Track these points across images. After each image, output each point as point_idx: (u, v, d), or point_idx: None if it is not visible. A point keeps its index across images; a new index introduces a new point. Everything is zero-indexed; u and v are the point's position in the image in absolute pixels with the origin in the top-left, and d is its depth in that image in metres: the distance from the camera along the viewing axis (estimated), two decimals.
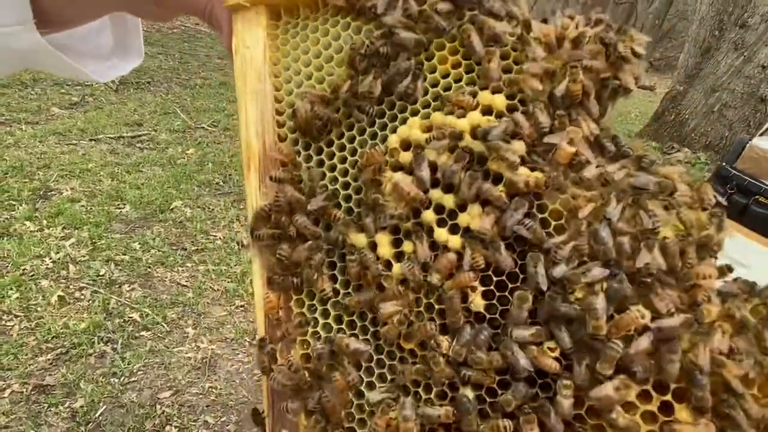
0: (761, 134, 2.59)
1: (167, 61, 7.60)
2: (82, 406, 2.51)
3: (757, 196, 2.26)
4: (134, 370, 2.73)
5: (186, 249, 3.62)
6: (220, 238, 3.81)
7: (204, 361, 2.87)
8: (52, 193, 3.88)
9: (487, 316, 0.48)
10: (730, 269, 0.47)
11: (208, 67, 7.90)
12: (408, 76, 0.49)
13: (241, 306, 3.27)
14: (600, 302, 0.40)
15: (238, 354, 2.95)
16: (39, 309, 2.93)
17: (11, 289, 2.98)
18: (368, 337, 0.50)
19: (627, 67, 0.48)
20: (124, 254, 3.43)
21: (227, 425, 2.59)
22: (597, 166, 0.46)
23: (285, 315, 0.51)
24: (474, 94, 0.50)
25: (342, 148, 0.53)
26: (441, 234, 0.47)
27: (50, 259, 3.26)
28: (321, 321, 0.52)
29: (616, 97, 0.50)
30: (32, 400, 2.50)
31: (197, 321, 3.09)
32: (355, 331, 0.50)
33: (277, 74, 0.54)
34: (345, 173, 0.53)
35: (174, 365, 2.80)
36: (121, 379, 2.68)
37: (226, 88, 7.07)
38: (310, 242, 0.49)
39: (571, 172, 0.46)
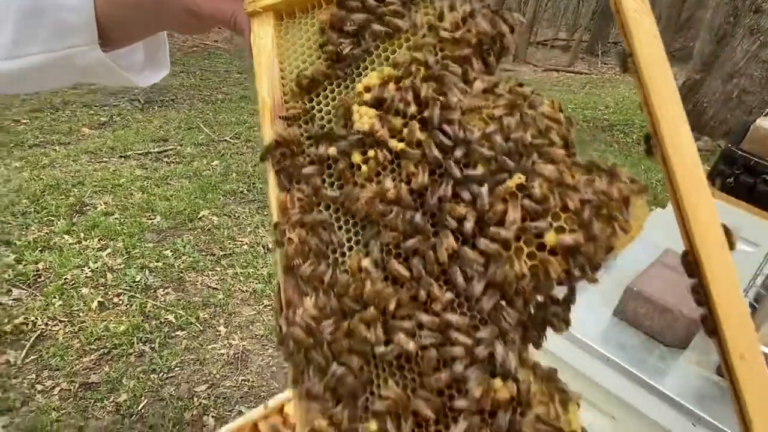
0: (766, 114, 2.73)
1: (189, 79, 8.11)
2: (125, 401, 2.83)
3: (764, 175, 2.36)
4: (172, 367, 3.05)
5: (215, 254, 3.98)
6: (247, 243, 4.16)
7: (236, 356, 3.17)
8: (87, 207, 4.31)
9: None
10: (573, 146, 0.72)
11: (228, 83, 8.37)
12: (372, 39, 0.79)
13: (269, 305, 3.57)
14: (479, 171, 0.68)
15: (269, 349, 3.25)
16: (81, 314, 3.30)
17: (55, 297, 3.36)
18: (347, 216, 0.78)
19: (507, 31, 0.75)
20: (158, 261, 3.81)
21: None
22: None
23: (291, 205, 0.80)
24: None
25: (326, 97, 0.83)
26: (393, 143, 0.75)
27: (89, 268, 3.65)
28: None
29: (501, 55, 0.77)
30: (79, 397, 2.83)
31: (228, 320, 3.41)
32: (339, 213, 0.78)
33: (281, 54, 0.84)
34: (328, 113, 0.82)
35: (208, 361, 3.12)
36: (160, 375, 3.01)
37: (246, 102, 7.48)
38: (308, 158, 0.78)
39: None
